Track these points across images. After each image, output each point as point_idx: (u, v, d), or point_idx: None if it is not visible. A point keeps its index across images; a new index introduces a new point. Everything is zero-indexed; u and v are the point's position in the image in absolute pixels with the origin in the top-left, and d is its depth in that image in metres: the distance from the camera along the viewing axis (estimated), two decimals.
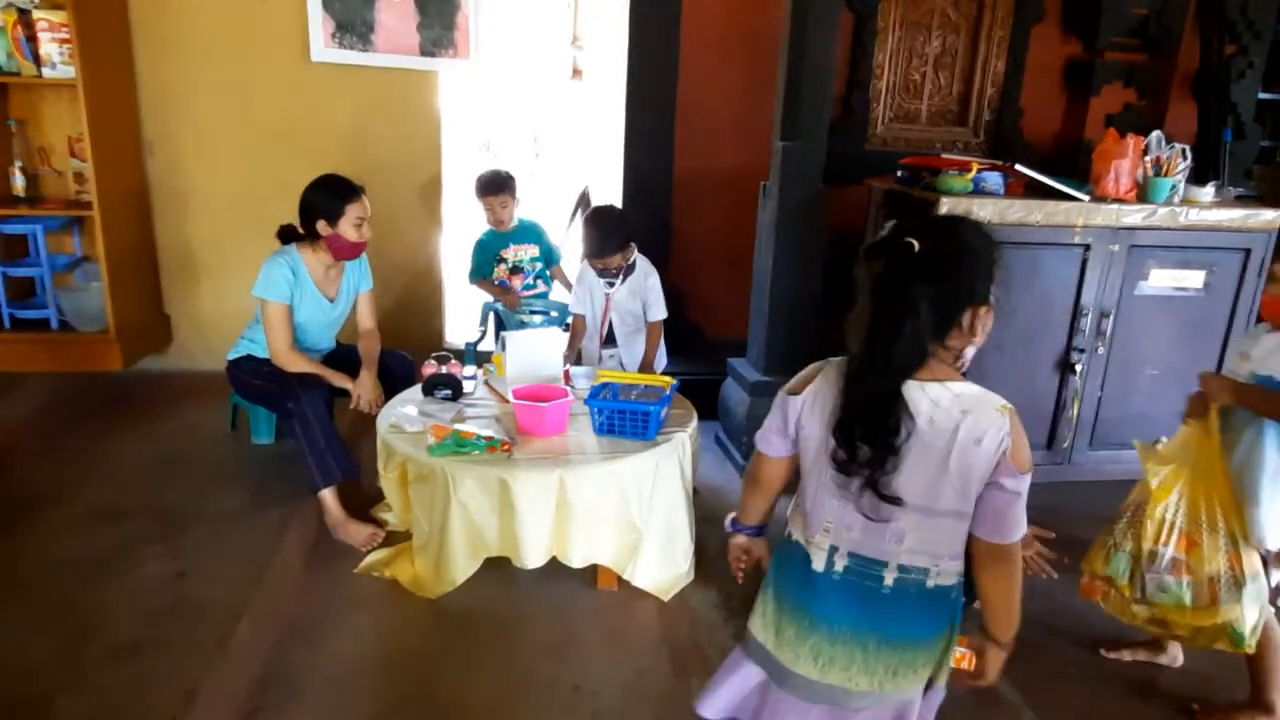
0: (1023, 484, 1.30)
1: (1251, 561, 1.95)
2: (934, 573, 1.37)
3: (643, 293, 3.16)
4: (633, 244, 3.11)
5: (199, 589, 2.52)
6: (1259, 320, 2.03)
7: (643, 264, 3.17)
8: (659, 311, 3.18)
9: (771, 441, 1.44)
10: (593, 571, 2.59)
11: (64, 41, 3.54)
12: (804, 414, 1.38)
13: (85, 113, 3.54)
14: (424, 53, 4.06)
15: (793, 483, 1.52)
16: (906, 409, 1.27)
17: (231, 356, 3.09)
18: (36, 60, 3.59)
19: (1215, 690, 2.25)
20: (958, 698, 2.22)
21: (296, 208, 2.92)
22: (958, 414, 1.29)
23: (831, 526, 1.38)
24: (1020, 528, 1.33)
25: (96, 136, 3.61)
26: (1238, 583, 1.93)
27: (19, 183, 3.84)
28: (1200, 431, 1.99)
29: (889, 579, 1.36)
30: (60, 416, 3.69)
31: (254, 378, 3.00)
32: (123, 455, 3.33)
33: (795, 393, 1.39)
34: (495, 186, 3.82)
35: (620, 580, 2.59)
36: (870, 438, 1.28)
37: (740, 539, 1.60)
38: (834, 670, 1.40)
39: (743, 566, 1.60)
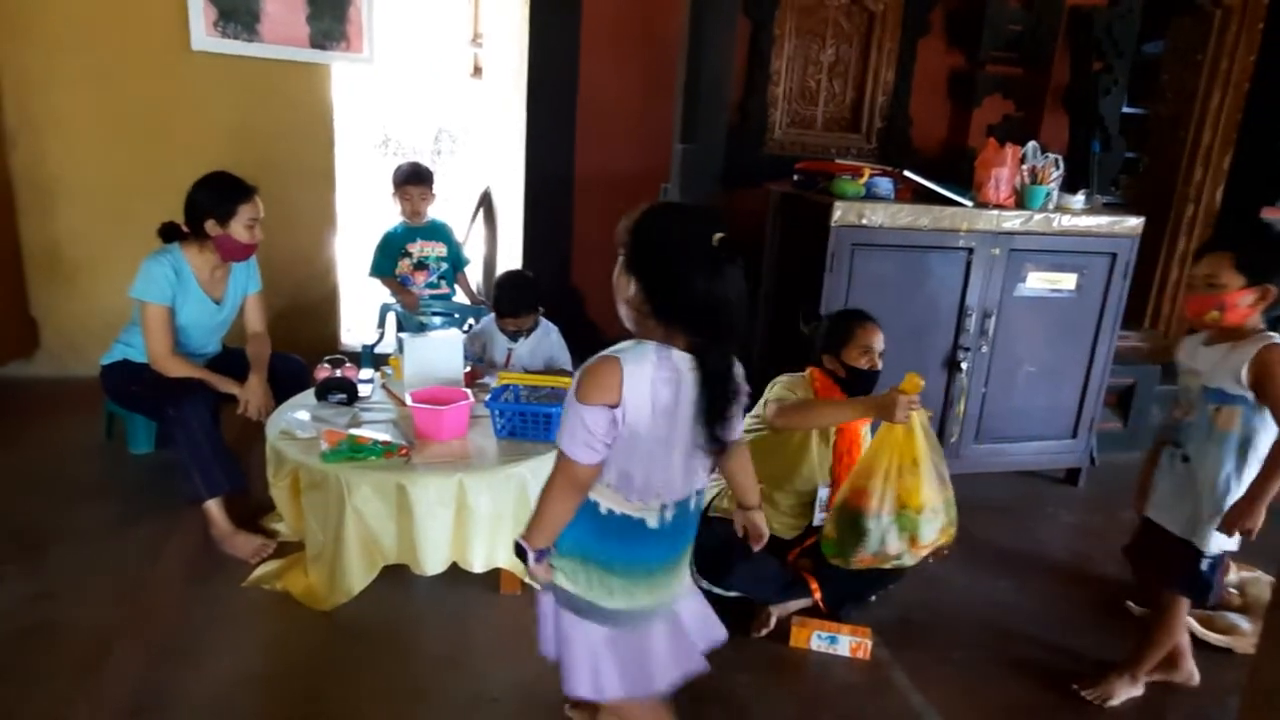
0: None
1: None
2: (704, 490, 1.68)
3: (545, 350, 3.16)
4: (540, 307, 3.14)
5: (65, 610, 2.35)
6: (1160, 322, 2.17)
7: (544, 324, 3.19)
8: (566, 363, 3.19)
9: (596, 450, 1.46)
10: (495, 576, 2.56)
11: None
12: (630, 415, 1.43)
13: None
14: (314, 45, 3.92)
15: None
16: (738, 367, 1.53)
17: (106, 361, 2.91)
18: None
19: (1088, 666, 2.39)
20: (847, 684, 2.31)
21: (175, 204, 2.77)
22: (734, 360, 1.54)
23: (662, 490, 1.54)
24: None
25: None
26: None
27: None
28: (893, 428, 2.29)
29: (692, 504, 1.62)
30: None
31: (131, 384, 2.83)
32: None
33: (613, 404, 1.42)
34: (418, 177, 3.78)
35: (523, 584, 2.56)
36: (724, 404, 1.49)
37: (544, 564, 1.58)
38: (662, 590, 1.63)
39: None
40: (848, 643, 2.40)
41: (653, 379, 1.44)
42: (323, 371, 2.77)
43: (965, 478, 3.51)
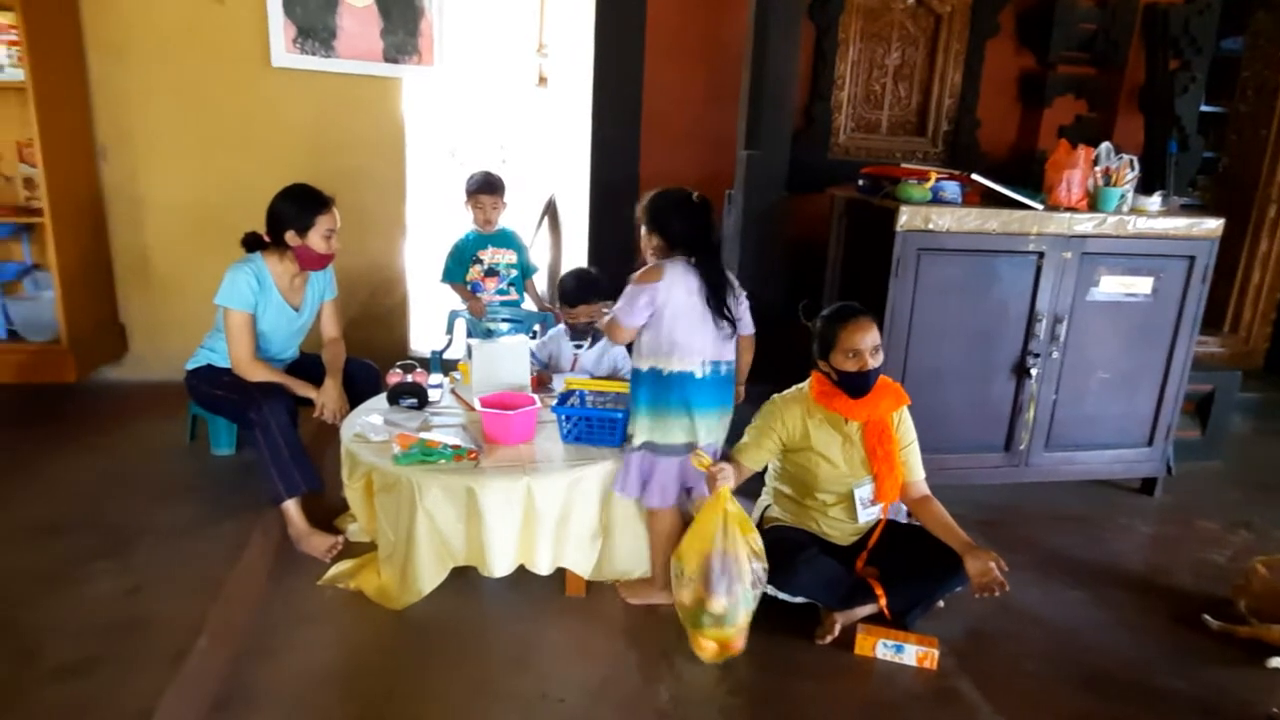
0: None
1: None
2: (733, 362, 2.49)
3: (610, 359, 3.18)
4: (606, 302, 3.14)
5: (153, 605, 2.45)
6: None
7: None
8: (629, 372, 3.17)
9: (641, 316, 2.34)
10: (560, 578, 2.60)
11: (13, 44, 3.46)
12: (665, 293, 2.31)
13: (35, 117, 3.45)
14: (387, 59, 4.05)
15: None
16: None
17: (190, 366, 3.04)
18: None
19: (1166, 679, 2.32)
20: (913, 693, 2.29)
21: (255, 215, 2.88)
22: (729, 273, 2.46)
23: (700, 350, 2.36)
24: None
25: (47, 141, 3.52)
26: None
27: None
28: (714, 501, 2.26)
29: (724, 370, 2.44)
30: (8, 428, 3.60)
31: (214, 387, 2.95)
32: (73, 468, 3.25)
33: (654, 281, 2.31)
34: (491, 186, 3.86)
35: (588, 586, 2.59)
36: (720, 291, 2.36)
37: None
38: (694, 434, 2.41)
39: None
40: (914, 652, 2.38)
41: (683, 271, 2.34)
42: (394, 376, 2.85)
43: (1035, 486, 3.46)
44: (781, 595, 2.47)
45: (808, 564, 2.43)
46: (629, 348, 2.61)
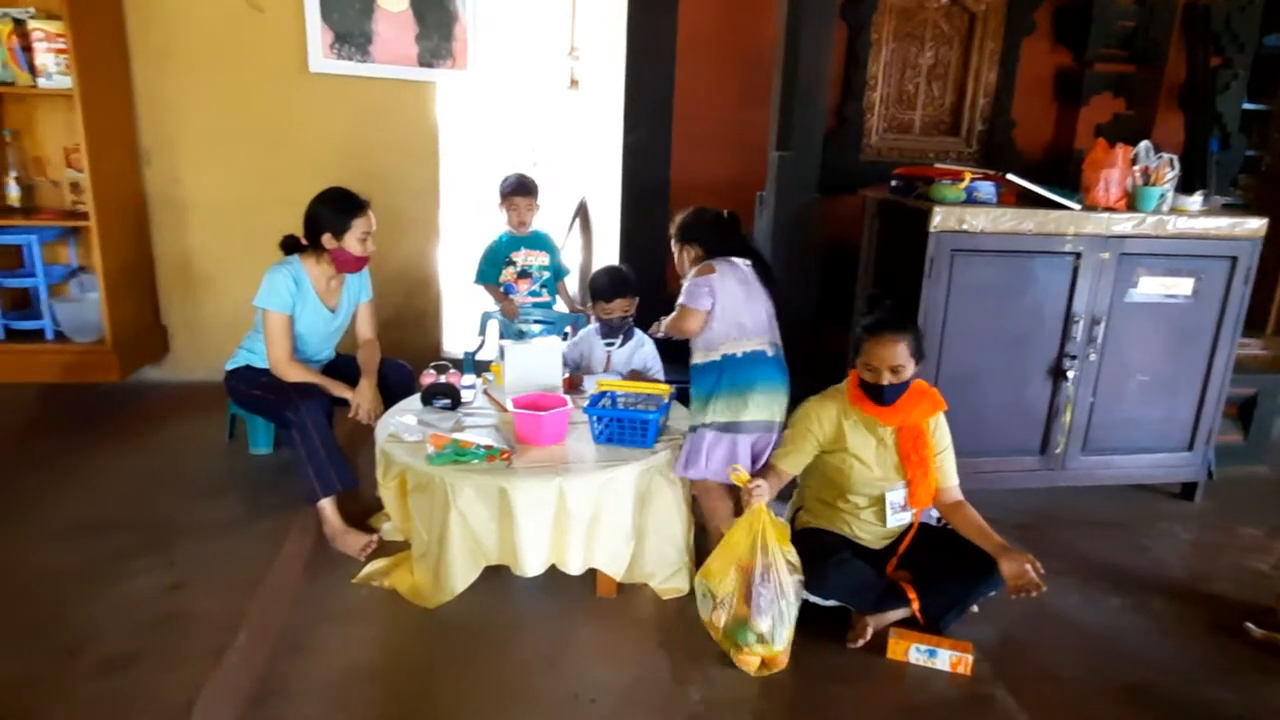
0: None
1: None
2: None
3: (640, 359, 3.20)
4: (637, 298, 3.18)
5: (194, 600, 2.49)
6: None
7: (638, 334, 3.23)
8: (659, 372, 3.21)
9: (701, 303, 2.57)
10: (591, 579, 2.61)
11: (60, 52, 3.54)
12: (720, 282, 2.57)
13: (82, 123, 3.53)
14: (422, 63, 4.09)
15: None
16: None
17: (230, 367, 3.09)
18: (32, 70, 3.58)
19: (1207, 688, 2.28)
20: (946, 699, 2.27)
21: (293, 218, 2.93)
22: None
23: (764, 330, 2.61)
24: None
25: (93, 147, 3.60)
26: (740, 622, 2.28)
27: (14, 193, 3.83)
28: (749, 517, 2.29)
29: (780, 351, 2.65)
30: (53, 427, 3.69)
31: (252, 388, 3.00)
32: (116, 466, 3.31)
33: (709, 274, 2.58)
34: (524, 188, 3.88)
35: (619, 587, 2.60)
36: (768, 268, 2.69)
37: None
38: (770, 411, 2.59)
39: None
40: (948, 657, 2.35)
41: (730, 264, 2.62)
42: (428, 377, 2.88)
43: (1072, 491, 3.42)
44: (813, 598, 2.46)
45: (839, 567, 2.41)
46: (683, 346, 2.74)
